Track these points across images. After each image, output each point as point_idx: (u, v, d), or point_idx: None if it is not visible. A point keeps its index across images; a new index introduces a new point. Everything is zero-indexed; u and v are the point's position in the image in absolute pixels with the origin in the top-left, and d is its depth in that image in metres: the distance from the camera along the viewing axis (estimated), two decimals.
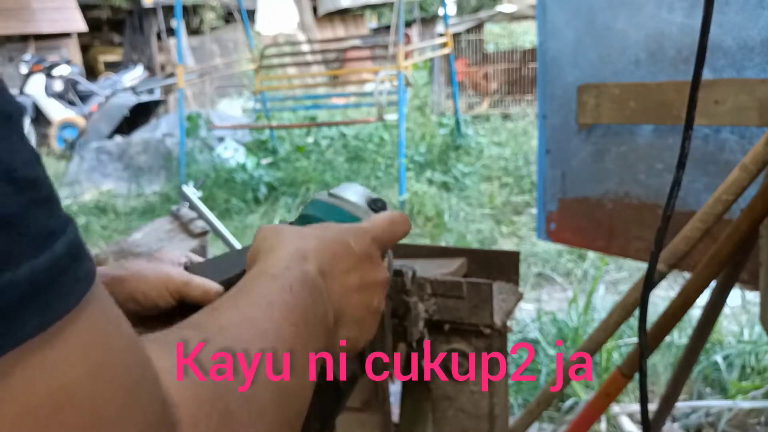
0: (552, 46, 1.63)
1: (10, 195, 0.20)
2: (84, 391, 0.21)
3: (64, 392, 0.20)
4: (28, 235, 0.20)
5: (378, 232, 0.54)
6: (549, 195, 1.69)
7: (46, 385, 0.20)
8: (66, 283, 0.21)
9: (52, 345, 0.21)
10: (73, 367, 0.21)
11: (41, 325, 0.20)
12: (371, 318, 0.52)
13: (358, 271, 0.50)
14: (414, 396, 0.86)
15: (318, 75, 8.12)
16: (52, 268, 0.21)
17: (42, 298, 0.20)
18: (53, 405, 0.20)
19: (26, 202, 0.21)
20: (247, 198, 5.72)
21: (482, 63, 8.97)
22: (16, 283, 0.20)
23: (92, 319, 0.22)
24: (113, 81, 10.01)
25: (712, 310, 1.28)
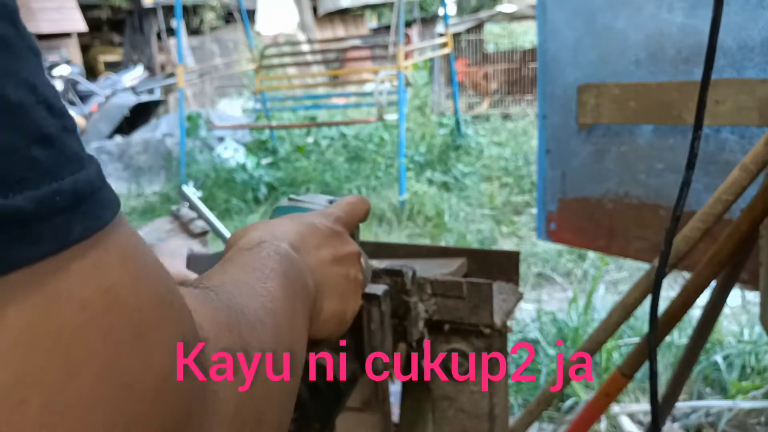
0: (552, 46, 1.63)
1: (48, 118, 0.22)
2: (129, 293, 0.23)
3: (113, 292, 0.23)
4: (67, 153, 0.22)
5: (339, 212, 0.57)
6: (549, 195, 1.69)
7: (97, 284, 0.22)
8: (102, 199, 0.23)
9: (97, 250, 0.22)
10: (118, 271, 0.23)
11: (87, 231, 0.22)
12: (352, 288, 0.54)
13: (328, 246, 0.52)
14: (414, 396, 0.86)
15: (318, 75, 8.12)
16: (91, 183, 0.23)
17: (85, 207, 0.22)
18: (104, 303, 0.22)
19: (61, 127, 0.23)
20: (247, 198, 5.72)
21: (482, 63, 8.97)
22: (63, 191, 0.21)
23: (127, 233, 0.25)
24: (113, 81, 10.01)
25: (712, 310, 1.28)
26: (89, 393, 0.21)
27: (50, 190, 0.21)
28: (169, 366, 0.25)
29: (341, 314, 0.53)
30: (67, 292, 0.21)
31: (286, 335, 0.40)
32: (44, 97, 0.22)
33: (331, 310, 0.51)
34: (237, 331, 0.34)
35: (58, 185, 0.21)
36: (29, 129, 0.21)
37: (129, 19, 13.61)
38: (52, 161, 0.22)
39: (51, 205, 0.21)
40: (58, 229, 0.21)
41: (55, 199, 0.21)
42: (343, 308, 0.53)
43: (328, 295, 0.51)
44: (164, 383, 0.24)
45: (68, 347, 0.21)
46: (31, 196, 0.20)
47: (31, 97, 0.22)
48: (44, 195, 0.21)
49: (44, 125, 0.22)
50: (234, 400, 0.31)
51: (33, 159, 0.21)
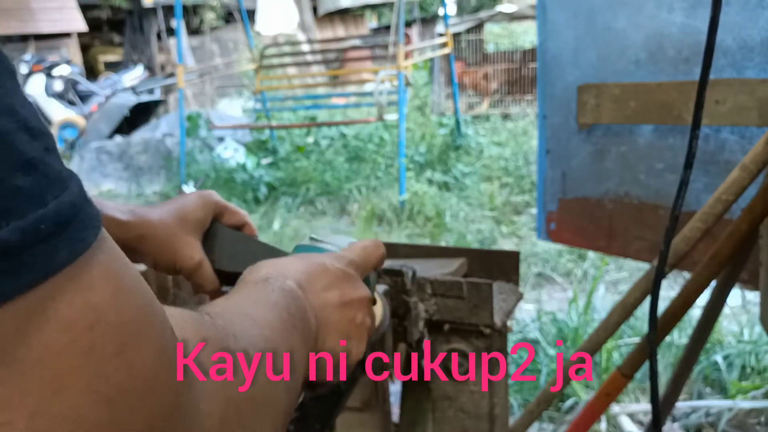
0: (552, 46, 1.63)
1: (29, 142, 0.22)
2: (111, 310, 0.24)
3: (95, 312, 0.23)
4: (49, 177, 0.23)
5: (352, 256, 0.57)
6: (549, 195, 1.69)
7: (80, 304, 0.23)
8: (85, 219, 0.24)
9: (81, 272, 0.23)
10: (101, 290, 0.24)
11: (71, 256, 0.23)
12: (357, 332, 0.53)
13: (337, 289, 0.52)
14: (414, 396, 0.86)
15: (318, 75, 8.12)
16: (73, 205, 0.23)
17: (69, 231, 0.23)
18: (88, 322, 0.23)
19: (42, 148, 0.23)
20: (247, 198, 5.72)
21: (482, 63, 8.97)
22: (47, 217, 0.22)
23: (109, 251, 0.25)
24: (113, 81, 10.01)
25: (712, 310, 1.28)
26: (74, 409, 0.22)
27: (35, 218, 0.21)
28: (151, 378, 0.25)
29: (339, 354, 0.52)
30: (53, 315, 0.22)
31: (282, 365, 0.40)
32: (24, 120, 0.22)
33: (330, 347, 0.51)
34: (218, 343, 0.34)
35: (43, 212, 0.22)
36: (11, 157, 0.21)
37: (129, 19, 13.61)
38: (36, 187, 0.22)
39: (36, 233, 0.21)
40: (44, 257, 0.22)
41: (39, 227, 0.22)
42: (344, 350, 0.52)
43: (330, 336, 0.50)
44: (147, 395, 0.25)
45: (53, 367, 0.22)
46: (15, 226, 0.21)
47: (11, 123, 0.22)
48: (29, 224, 0.21)
49: (26, 150, 0.22)
50: (218, 414, 0.31)
51: (16, 188, 0.21)
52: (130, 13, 13.54)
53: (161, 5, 11.81)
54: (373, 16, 15.93)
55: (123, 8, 13.48)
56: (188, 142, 6.57)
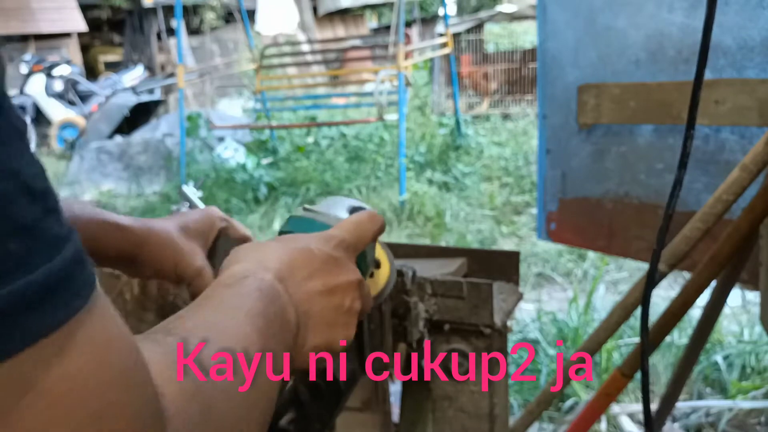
0: (552, 46, 1.63)
1: (27, 205, 0.22)
2: (91, 376, 0.24)
3: (74, 380, 0.24)
4: (42, 241, 0.23)
5: (344, 235, 0.55)
6: (549, 195, 1.69)
7: (59, 372, 0.23)
8: (76, 283, 0.24)
9: (67, 338, 0.23)
10: (83, 357, 0.24)
11: (55, 323, 0.23)
12: (344, 318, 0.52)
13: (320, 277, 0.50)
14: (414, 396, 0.86)
15: (318, 75, 8.12)
16: (64, 271, 0.23)
17: (56, 299, 0.23)
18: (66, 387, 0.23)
19: (40, 212, 0.23)
20: (247, 198, 5.72)
21: (482, 63, 8.96)
22: (34, 284, 0.22)
23: (98, 314, 0.25)
24: (113, 81, 10.01)
25: (712, 310, 1.28)
26: None
27: (22, 284, 0.22)
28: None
29: (326, 346, 0.51)
30: (30, 383, 0.22)
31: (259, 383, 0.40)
32: (26, 183, 0.23)
33: (316, 343, 0.50)
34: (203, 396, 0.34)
35: (32, 278, 0.22)
36: (5, 222, 0.22)
37: (129, 19, 13.61)
38: (27, 252, 0.22)
39: (22, 300, 0.22)
40: (29, 324, 0.22)
41: (26, 293, 0.22)
42: (329, 340, 0.51)
43: (312, 329, 0.49)
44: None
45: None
46: (3, 292, 0.21)
47: (11, 186, 0.22)
48: (16, 290, 0.21)
49: (22, 215, 0.22)
50: None
51: (7, 253, 0.21)
52: (130, 13, 13.54)
53: (161, 5, 11.82)
54: (373, 16, 15.93)
55: (123, 8, 13.48)
56: (188, 142, 6.57)
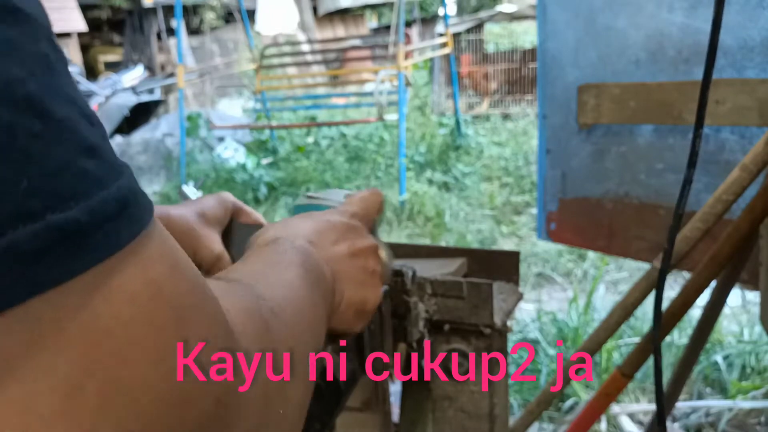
0: (552, 46, 1.63)
1: (90, 128, 0.24)
2: (168, 283, 0.26)
3: (155, 284, 0.25)
4: (109, 162, 0.24)
5: (354, 208, 0.59)
6: (549, 195, 1.69)
7: (142, 278, 0.25)
8: (141, 203, 0.26)
9: (141, 250, 0.25)
10: (159, 265, 0.26)
11: (132, 234, 0.25)
12: (371, 279, 0.55)
13: (345, 241, 0.54)
14: (414, 396, 0.86)
15: (318, 75, 8.12)
16: (131, 190, 0.25)
17: (129, 212, 0.24)
18: (149, 293, 0.25)
19: (101, 136, 0.24)
20: (248, 198, 5.72)
21: (482, 63, 8.96)
22: (110, 199, 0.23)
23: (162, 232, 0.27)
24: (113, 81, 10.00)
25: (712, 310, 1.28)
26: (140, 378, 0.24)
27: (100, 199, 0.23)
28: (207, 349, 0.27)
29: (361, 304, 0.54)
30: (118, 289, 0.24)
31: (306, 323, 0.42)
32: (83, 109, 0.24)
33: (351, 300, 0.52)
34: (260, 316, 0.36)
35: (107, 193, 0.23)
36: (77, 142, 0.23)
37: (129, 19, 13.61)
38: (99, 171, 0.24)
39: (103, 213, 0.23)
40: (110, 235, 0.23)
41: (105, 208, 0.23)
42: (362, 298, 0.53)
43: (347, 286, 0.52)
44: (204, 366, 0.27)
45: (119, 338, 0.23)
46: (85, 207, 0.22)
47: (74, 111, 0.23)
48: (96, 205, 0.23)
49: (88, 136, 0.24)
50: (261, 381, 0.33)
51: (84, 171, 0.23)
52: (130, 13, 13.54)
53: (161, 5, 11.82)
54: (373, 16, 15.93)
55: (123, 8, 13.48)
56: (188, 142, 6.57)
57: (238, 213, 0.72)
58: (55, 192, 0.21)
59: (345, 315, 0.52)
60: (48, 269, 0.21)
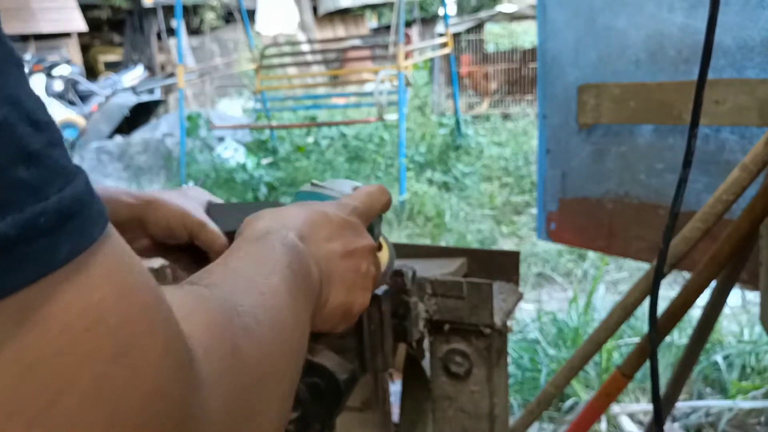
0: (552, 46, 1.63)
1: (33, 134, 0.22)
2: (112, 311, 0.23)
3: (94, 312, 0.22)
4: (52, 171, 0.22)
5: (355, 203, 0.56)
6: (549, 195, 1.69)
7: (80, 304, 0.22)
8: (90, 215, 0.23)
9: (82, 270, 0.22)
10: (102, 289, 0.23)
11: (73, 251, 0.22)
12: (362, 282, 0.53)
13: (340, 238, 0.51)
14: (414, 396, 0.86)
15: (318, 75, 8.12)
16: (77, 200, 0.22)
17: (71, 226, 0.22)
18: (87, 322, 0.22)
19: (46, 142, 0.22)
20: (248, 198, 5.72)
21: (482, 63, 8.96)
22: (48, 211, 0.21)
23: (114, 247, 0.24)
24: (113, 81, 10.00)
25: (712, 310, 1.28)
26: (74, 415, 0.21)
27: (35, 211, 0.21)
28: (156, 382, 0.25)
29: (346, 307, 0.51)
30: (51, 316, 0.21)
31: (287, 332, 0.39)
32: (28, 112, 0.22)
33: (336, 302, 0.50)
34: (230, 335, 0.33)
35: (44, 206, 0.21)
36: (13, 148, 0.21)
37: (129, 19, 13.61)
38: (37, 180, 0.21)
39: (35, 227, 0.21)
40: (43, 252, 0.21)
41: (39, 221, 0.21)
42: (349, 301, 0.51)
43: (334, 288, 0.50)
44: (154, 398, 0.24)
45: (52, 369, 0.21)
46: (14, 220, 0.20)
47: (14, 113, 0.21)
48: (28, 218, 0.20)
49: (28, 142, 0.21)
50: (225, 408, 0.30)
51: (17, 180, 0.21)
52: (130, 13, 13.54)
53: (161, 5, 11.82)
54: (373, 16, 15.92)
55: (123, 8, 13.48)
56: (188, 142, 6.57)
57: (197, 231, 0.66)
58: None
59: (329, 316, 0.50)
60: None
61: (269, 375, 0.36)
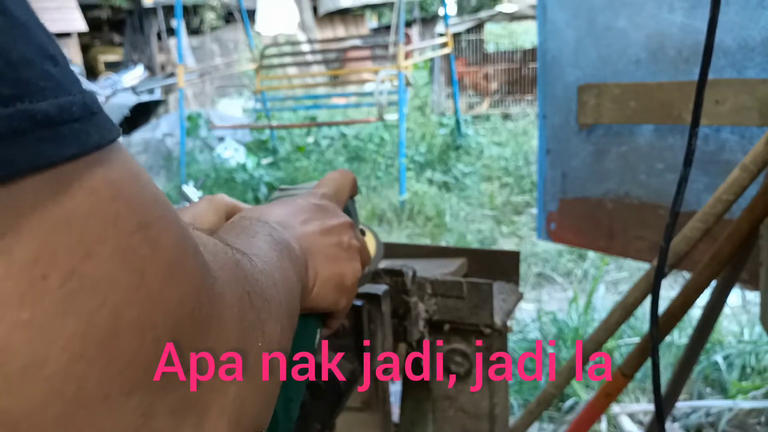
0: (552, 46, 1.63)
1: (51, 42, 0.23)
2: (132, 188, 0.25)
3: (117, 185, 0.24)
4: (72, 75, 0.24)
5: (323, 189, 0.59)
6: (549, 195, 1.69)
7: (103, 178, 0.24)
8: (108, 119, 0.25)
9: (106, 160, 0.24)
10: (123, 171, 0.25)
11: (102, 140, 0.24)
12: (347, 254, 0.54)
13: (315, 220, 0.53)
14: (414, 396, 0.86)
15: (318, 75, 8.12)
16: (96, 102, 0.25)
17: (97, 120, 0.24)
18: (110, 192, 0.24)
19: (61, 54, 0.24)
20: (248, 198, 5.72)
21: (482, 63, 8.97)
22: (77, 103, 0.23)
23: (127, 154, 0.27)
24: (113, 81, 10.01)
25: (712, 310, 1.28)
26: (106, 273, 0.23)
27: (67, 100, 0.23)
28: (176, 258, 0.26)
29: (339, 278, 0.53)
30: (80, 185, 0.23)
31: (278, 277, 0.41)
32: (42, 25, 0.23)
33: (326, 275, 0.52)
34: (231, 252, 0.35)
35: (72, 98, 0.23)
36: (39, 46, 0.22)
37: (129, 19, 13.61)
38: (63, 77, 0.23)
39: (70, 112, 0.23)
40: (79, 133, 0.23)
41: (72, 108, 0.23)
42: (338, 272, 0.53)
43: (319, 262, 0.51)
44: (174, 274, 0.26)
45: (80, 230, 0.23)
46: (53, 103, 0.22)
47: (34, 20, 0.23)
48: (63, 103, 0.22)
49: (49, 47, 0.23)
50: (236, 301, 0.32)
51: (48, 71, 0.22)
52: (130, 13, 13.54)
53: (161, 5, 11.82)
54: (373, 16, 15.93)
55: (123, 8, 13.48)
56: (188, 142, 6.57)
57: (232, 213, 0.70)
58: (21, 82, 0.21)
59: (324, 291, 0.52)
60: (14, 156, 0.21)
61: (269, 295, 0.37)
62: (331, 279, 0.52)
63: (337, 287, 0.53)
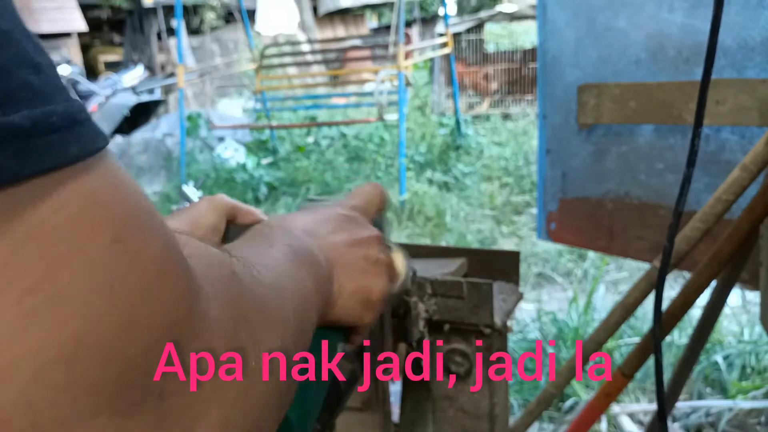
0: (552, 46, 1.63)
1: (36, 51, 0.23)
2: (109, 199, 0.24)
3: (92, 194, 0.23)
4: (57, 84, 0.23)
5: (353, 201, 0.57)
6: (549, 195, 1.69)
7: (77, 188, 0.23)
8: (94, 128, 0.24)
9: (89, 173, 0.23)
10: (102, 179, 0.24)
11: (81, 154, 0.23)
12: (374, 268, 0.52)
13: (344, 231, 0.51)
14: (414, 396, 0.86)
15: (318, 75, 8.11)
16: (82, 111, 0.24)
17: (79, 132, 0.23)
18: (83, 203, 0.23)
19: (48, 62, 0.23)
20: (248, 198, 5.72)
21: (482, 63, 8.97)
22: (58, 113, 0.22)
23: (115, 163, 0.25)
24: (113, 81, 10.00)
25: (712, 310, 1.28)
26: (70, 292, 0.22)
27: (45, 111, 0.22)
28: (156, 275, 0.25)
29: (364, 292, 0.51)
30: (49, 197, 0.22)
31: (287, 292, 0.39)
32: (28, 33, 0.23)
33: (352, 289, 0.50)
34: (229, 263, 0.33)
35: (53, 108, 0.22)
36: (19, 55, 0.21)
37: (129, 19, 13.61)
38: (44, 86, 0.22)
39: (48, 123, 0.22)
40: (56, 147, 0.22)
41: (51, 119, 0.22)
42: (364, 287, 0.51)
43: (345, 274, 0.49)
44: (153, 292, 0.24)
45: (45, 245, 0.21)
46: (28, 113, 0.21)
47: (19, 28, 0.22)
48: (40, 114, 0.21)
49: (33, 55, 0.22)
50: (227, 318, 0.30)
51: (27, 81, 0.21)
52: (130, 13, 13.54)
53: (161, 5, 11.82)
54: (373, 16, 15.93)
55: (123, 8, 13.48)
56: (188, 142, 6.57)
57: (234, 215, 0.66)
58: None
59: (348, 304, 0.50)
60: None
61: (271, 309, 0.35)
62: (357, 292, 0.50)
63: (362, 302, 0.51)
